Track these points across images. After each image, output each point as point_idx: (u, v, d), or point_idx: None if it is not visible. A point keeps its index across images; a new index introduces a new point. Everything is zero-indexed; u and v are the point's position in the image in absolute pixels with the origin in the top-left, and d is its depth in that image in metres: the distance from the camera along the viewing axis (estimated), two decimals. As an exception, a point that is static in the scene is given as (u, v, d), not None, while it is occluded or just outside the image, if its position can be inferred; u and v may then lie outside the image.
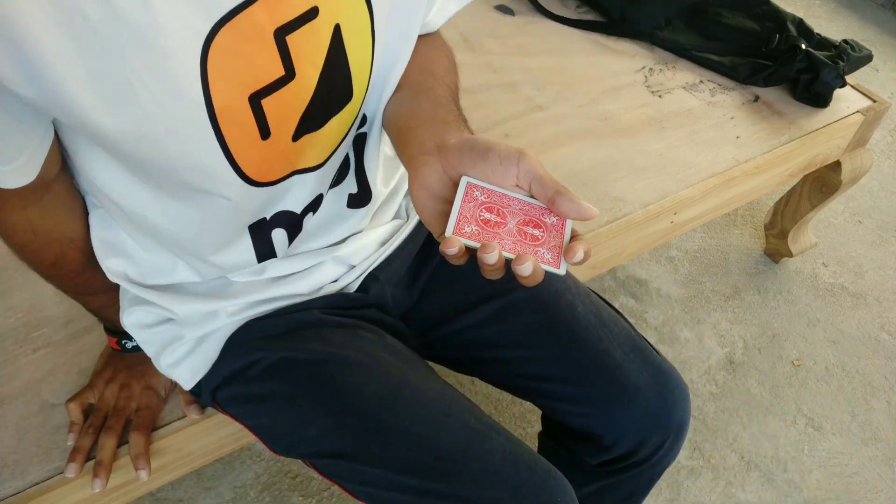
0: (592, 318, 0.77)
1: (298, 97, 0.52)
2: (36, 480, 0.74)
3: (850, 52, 1.28)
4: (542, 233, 0.49)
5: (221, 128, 0.49)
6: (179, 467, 0.84)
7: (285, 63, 0.49)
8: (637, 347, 0.77)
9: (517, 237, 0.48)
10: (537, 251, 0.48)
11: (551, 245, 0.49)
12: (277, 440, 0.71)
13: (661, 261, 1.66)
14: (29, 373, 0.82)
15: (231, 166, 0.52)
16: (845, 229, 1.77)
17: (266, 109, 0.50)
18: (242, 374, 0.70)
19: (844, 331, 1.54)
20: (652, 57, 1.38)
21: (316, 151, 0.58)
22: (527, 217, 0.50)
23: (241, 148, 0.51)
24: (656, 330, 1.51)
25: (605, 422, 0.76)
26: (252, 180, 0.55)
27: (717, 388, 1.42)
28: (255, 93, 0.48)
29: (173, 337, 0.71)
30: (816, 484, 1.28)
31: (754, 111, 1.27)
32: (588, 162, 1.14)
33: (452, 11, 0.69)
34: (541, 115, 1.21)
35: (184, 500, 1.19)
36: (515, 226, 0.49)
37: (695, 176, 1.13)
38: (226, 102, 0.47)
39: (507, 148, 0.49)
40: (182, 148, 0.49)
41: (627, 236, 1.08)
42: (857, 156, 1.38)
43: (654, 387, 0.75)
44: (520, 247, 0.48)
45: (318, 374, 0.67)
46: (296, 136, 0.54)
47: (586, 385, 0.75)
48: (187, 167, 0.51)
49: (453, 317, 0.79)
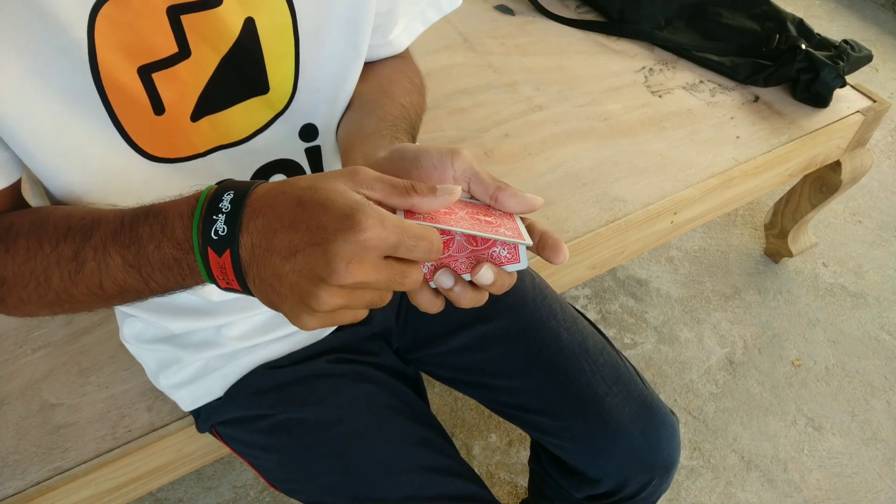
0: (577, 347, 0.75)
1: (195, 76, 0.51)
2: (36, 480, 0.74)
3: (850, 52, 1.28)
4: (495, 219, 0.45)
5: (110, 98, 0.48)
6: (179, 467, 0.84)
7: (179, 41, 0.48)
8: (622, 380, 0.75)
9: (470, 221, 0.44)
10: (497, 230, 0.43)
11: (508, 226, 0.45)
12: (278, 483, 0.73)
13: (661, 261, 1.66)
14: (29, 373, 0.82)
15: (124, 139, 0.51)
16: (845, 229, 1.77)
17: (158, 84, 0.49)
18: (249, 423, 0.71)
19: (844, 331, 1.54)
20: (652, 57, 1.38)
21: (218, 134, 0.56)
22: (474, 209, 0.46)
23: (133, 121, 0.50)
24: (656, 330, 1.51)
25: (587, 457, 0.75)
26: (151, 155, 0.53)
27: (717, 388, 1.42)
28: (144, 66, 0.48)
29: (171, 360, 0.71)
30: (816, 484, 1.28)
31: (754, 111, 1.27)
32: (588, 162, 1.14)
33: (418, 31, 0.68)
34: (541, 115, 1.21)
35: (184, 500, 1.19)
36: (467, 215, 0.45)
37: (695, 176, 1.13)
38: (114, 73, 0.47)
39: (438, 150, 0.46)
40: (73, 117, 0.48)
41: (627, 236, 1.08)
42: (857, 156, 1.38)
43: (637, 423, 0.73)
44: (477, 227, 0.43)
45: (325, 440, 0.68)
46: (195, 115, 0.53)
47: (568, 418, 0.74)
48: (84, 142, 0.49)
49: (433, 341, 0.79)
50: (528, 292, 0.78)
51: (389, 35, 0.65)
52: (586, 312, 1.54)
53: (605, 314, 1.54)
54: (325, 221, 0.36)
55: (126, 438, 0.78)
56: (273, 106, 0.57)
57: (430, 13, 0.68)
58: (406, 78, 0.66)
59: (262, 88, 0.55)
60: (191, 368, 0.71)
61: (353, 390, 0.71)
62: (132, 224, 0.43)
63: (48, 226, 0.46)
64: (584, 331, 0.77)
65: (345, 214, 0.36)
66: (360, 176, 0.40)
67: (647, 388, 0.77)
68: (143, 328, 0.70)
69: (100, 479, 0.76)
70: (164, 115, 0.51)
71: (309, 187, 0.38)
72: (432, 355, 0.81)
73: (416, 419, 0.72)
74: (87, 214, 0.45)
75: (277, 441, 0.70)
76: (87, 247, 0.44)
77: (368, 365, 0.74)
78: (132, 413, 0.80)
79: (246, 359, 0.71)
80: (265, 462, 0.72)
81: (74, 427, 0.78)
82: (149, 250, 0.42)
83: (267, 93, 0.56)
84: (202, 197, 0.40)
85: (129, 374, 0.83)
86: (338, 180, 0.39)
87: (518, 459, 1.29)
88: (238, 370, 0.71)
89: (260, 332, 0.70)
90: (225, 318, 0.68)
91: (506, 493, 1.24)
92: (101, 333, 0.87)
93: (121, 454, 0.76)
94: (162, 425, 0.79)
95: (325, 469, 0.68)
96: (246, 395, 0.71)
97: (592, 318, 1.51)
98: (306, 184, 0.38)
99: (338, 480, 0.68)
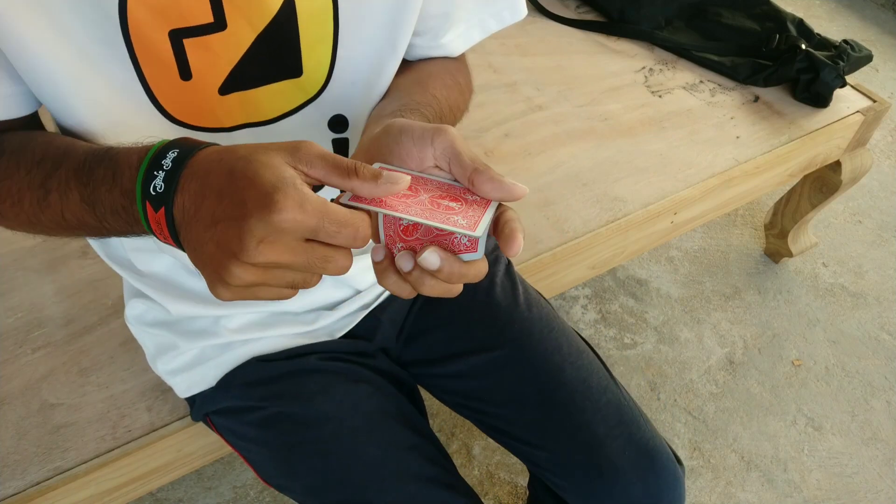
0: (579, 384, 0.72)
1: (228, 50, 0.51)
2: (36, 480, 0.74)
3: (850, 52, 1.28)
4: (461, 205, 0.42)
5: (137, 53, 0.48)
6: (179, 467, 0.84)
7: (216, 11, 0.48)
8: (624, 421, 0.71)
9: (428, 206, 0.41)
10: (450, 218, 0.40)
11: (469, 214, 0.41)
12: (268, 478, 0.72)
13: (661, 261, 1.66)
14: (29, 373, 0.82)
15: (147, 95, 0.51)
16: (845, 229, 1.77)
17: (188, 50, 0.49)
18: (240, 415, 0.71)
19: (844, 331, 1.54)
20: (652, 57, 1.38)
21: (245, 112, 0.56)
22: (443, 192, 0.42)
23: (158, 81, 0.50)
24: (656, 330, 1.51)
25: (584, 500, 0.73)
26: (172, 117, 0.53)
27: (717, 388, 1.42)
28: (176, 30, 0.48)
29: (169, 345, 0.71)
30: (816, 484, 1.28)
31: (754, 111, 1.27)
32: (588, 162, 1.14)
33: (475, 39, 0.66)
34: (541, 115, 1.21)
35: (184, 500, 1.19)
36: (429, 199, 0.42)
37: (695, 176, 1.13)
38: (143, 29, 0.46)
39: (421, 127, 0.43)
40: (98, 70, 0.48)
41: (627, 236, 1.08)
42: (857, 156, 1.38)
43: (637, 470, 0.69)
44: (429, 214, 0.40)
45: (311, 438, 0.67)
46: (223, 89, 0.53)
47: (565, 457, 0.71)
48: (104, 89, 0.49)
49: (432, 363, 0.78)
50: (534, 324, 0.76)
51: (442, 38, 0.63)
52: (586, 312, 1.54)
53: (605, 314, 1.54)
54: (247, 197, 0.36)
55: (126, 438, 0.78)
56: (305, 91, 0.57)
57: (490, 23, 0.66)
58: (449, 74, 0.64)
59: (296, 71, 0.55)
60: (187, 356, 0.71)
61: (345, 389, 0.70)
62: (91, 164, 0.44)
63: (27, 150, 0.47)
64: (589, 366, 0.74)
65: (265, 192, 0.36)
66: (300, 152, 0.38)
67: (651, 431, 0.73)
68: (145, 310, 0.71)
69: (100, 479, 0.76)
70: (191, 81, 0.51)
71: (244, 157, 0.38)
72: (431, 375, 0.79)
73: (408, 425, 0.70)
74: (62, 146, 0.46)
75: (266, 435, 0.69)
76: (54, 177, 0.45)
77: (364, 366, 0.73)
78: (132, 413, 0.80)
79: (241, 350, 0.71)
80: (256, 455, 0.71)
81: (74, 427, 0.78)
82: (101, 192, 0.43)
83: (300, 76, 0.55)
84: (151, 151, 0.41)
85: (129, 374, 0.83)
86: (277, 154, 0.38)
87: (518, 460, 1.29)
88: (232, 360, 0.71)
89: (258, 327, 0.70)
90: (225, 309, 0.68)
91: (506, 493, 1.25)
92: (101, 333, 0.87)
93: (121, 454, 0.76)
94: (162, 425, 0.79)
95: (307, 468, 0.67)
96: (238, 385, 0.71)
97: (592, 318, 1.51)
98: (244, 153, 0.38)
99: (319, 481, 0.66)
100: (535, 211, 1.06)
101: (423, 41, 0.62)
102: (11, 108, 0.50)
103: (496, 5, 0.65)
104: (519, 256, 0.99)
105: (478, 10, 0.64)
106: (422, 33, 0.61)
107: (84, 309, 0.89)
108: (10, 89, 0.49)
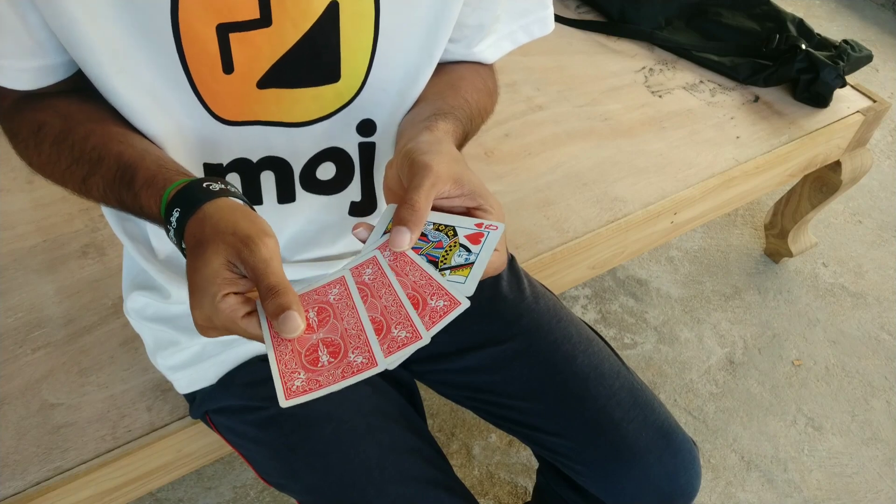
0: (592, 371, 0.73)
1: (271, 46, 0.52)
2: (36, 480, 0.74)
3: (850, 52, 1.28)
4: (399, 309, 0.49)
5: (183, 45, 0.50)
6: (179, 467, 0.84)
7: (263, 9, 0.50)
8: (639, 403, 0.72)
9: (363, 312, 0.49)
10: (389, 329, 0.49)
11: (403, 328, 0.49)
12: (268, 477, 0.73)
13: (661, 261, 1.66)
14: (29, 373, 0.82)
15: (190, 85, 0.53)
16: (845, 229, 1.77)
17: (233, 45, 0.51)
18: (241, 414, 0.71)
19: (844, 331, 1.54)
20: (652, 57, 1.38)
21: (280, 110, 0.58)
22: (410, 293, 0.48)
23: (201, 73, 0.53)
24: (656, 330, 1.51)
25: (601, 483, 0.73)
26: (210, 110, 0.55)
27: (717, 388, 1.42)
28: (223, 24, 0.50)
29: (170, 341, 0.71)
30: (816, 484, 1.28)
31: (754, 111, 1.27)
32: (588, 162, 1.14)
33: (506, 50, 0.69)
34: (541, 115, 1.21)
35: (184, 500, 1.19)
36: (379, 298, 0.49)
37: (695, 176, 1.13)
38: (193, 22, 0.49)
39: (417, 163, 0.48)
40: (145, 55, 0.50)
41: (627, 236, 1.08)
42: (857, 156, 1.38)
43: (654, 450, 0.70)
44: (350, 325, 0.49)
45: (311, 437, 0.68)
46: (262, 83, 0.55)
47: (582, 443, 0.72)
48: (146, 73, 0.52)
49: (439, 359, 0.77)
50: (542, 315, 0.76)
51: (474, 48, 0.66)
52: (586, 312, 1.54)
53: (605, 314, 1.54)
54: (189, 278, 0.44)
55: (126, 438, 0.78)
56: (341, 96, 0.58)
57: (520, 36, 0.69)
58: (479, 78, 0.67)
59: (334, 76, 0.56)
60: (188, 352, 0.71)
61: (346, 390, 0.70)
62: (119, 187, 0.50)
63: (66, 144, 0.52)
64: (599, 353, 0.75)
65: (194, 288, 0.43)
66: (245, 253, 0.43)
67: (665, 412, 0.74)
68: (145, 305, 0.71)
69: (100, 479, 0.76)
70: (233, 74, 0.53)
71: (201, 242, 0.44)
72: (437, 371, 0.79)
73: (408, 427, 0.71)
74: (96, 148, 0.52)
75: (267, 435, 0.69)
76: (91, 180, 0.52)
77: None
78: (132, 413, 0.80)
79: (242, 348, 0.71)
80: (255, 455, 0.72)
81: (74, 427, 0.78)
82: (133, 210, 0.51)
83: (337, 81, 0.57)
84: (162, 206, 0.48)
85: (129, 374, 0.83)
86: (225, 251, 0.43)
87: (518, 460, 1.29)
88: (233, 359, 0.71)
89: None
90: None
91: (506, 493, 1.25)
92: (101, 333, 0.87)
93: (121, 454, 0.76)
94: (162, 425, 0.79)
95: (307, 467, 0.67)
96: (239, 384, 0.71)
97: (592, 318, 1.51)
98: (209, 232, 0.44)
99: (319, 481, 0.67)
100: (535, 211, 1.06)
101: (456, 48, 0.65)
102: (59, 74, 0.54)
103: (527, 18, 0.68)
104: (519, 256, 0.99)
105: (510, 23, 0.67)
106: (456, 41, 0.64)
107: (84, 309, 0.89)
108: (56, 59, 0.52)
